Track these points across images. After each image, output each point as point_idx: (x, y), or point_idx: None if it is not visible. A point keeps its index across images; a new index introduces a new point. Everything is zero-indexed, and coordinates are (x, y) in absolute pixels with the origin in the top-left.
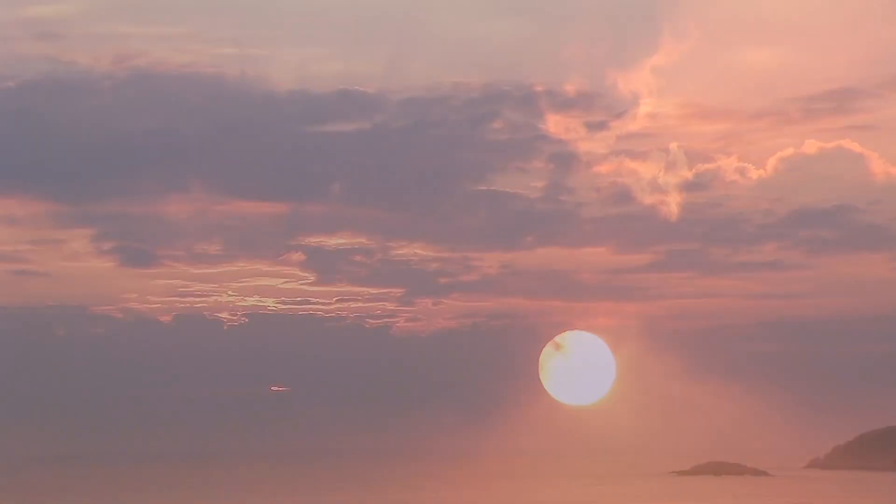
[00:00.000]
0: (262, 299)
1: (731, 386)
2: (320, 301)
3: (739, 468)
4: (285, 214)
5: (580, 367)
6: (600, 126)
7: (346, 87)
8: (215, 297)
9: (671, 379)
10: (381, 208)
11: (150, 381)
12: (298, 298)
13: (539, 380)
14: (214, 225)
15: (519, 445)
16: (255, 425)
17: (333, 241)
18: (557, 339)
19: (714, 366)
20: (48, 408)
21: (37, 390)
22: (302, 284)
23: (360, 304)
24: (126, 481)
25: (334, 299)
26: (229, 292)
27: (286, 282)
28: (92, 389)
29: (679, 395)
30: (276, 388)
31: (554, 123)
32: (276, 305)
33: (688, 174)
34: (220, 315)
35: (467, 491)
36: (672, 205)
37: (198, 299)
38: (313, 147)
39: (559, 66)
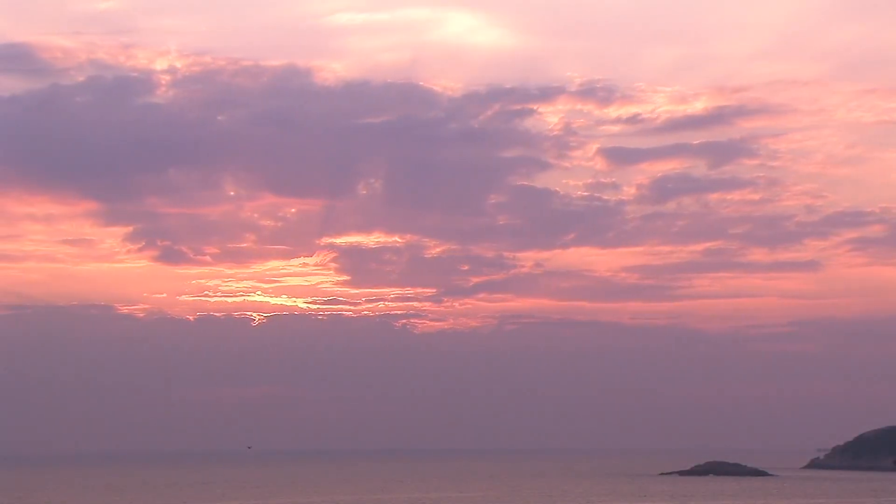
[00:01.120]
0: (291, 299)
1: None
2: (348, 301)
3: (739, 468)
4: (318, 212)
5: None
6: (637, 122)
7: (392, 80)
8: (244, 297)
9: (668, 379)
10: (415, 206)
11: (178, 378)
12: (327, 298)
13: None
14: (248, 223)
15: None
16: (280, 423)
17: (365, 240)
18: None
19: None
20: (73, 405)
21: (61, 388)
22: (332, 285)
23: (387, 304)
24: (155, 480)
25: (363, 299)
26: (258, 292)
27: (317, 281)
28: (118, 387)
29: (681, 395)
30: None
31: (590, 120)
32: (305, 305)
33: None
34: (247, 314)
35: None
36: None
37: (226, 298)
38: (351, 141)
39: (594, 66)
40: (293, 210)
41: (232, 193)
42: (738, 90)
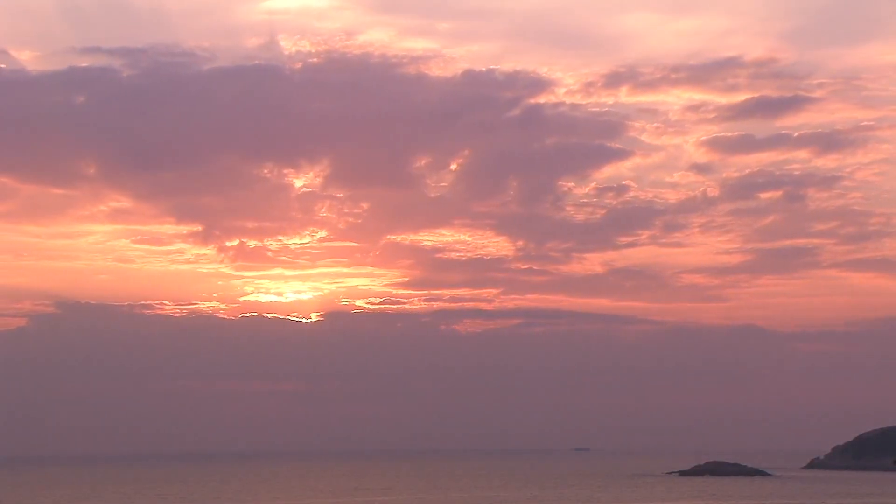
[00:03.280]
0: (347, 299)
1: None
2: (403, 301)
3: (739, 468)
4: (381, 208)
5: None
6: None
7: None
8: (297, 297)
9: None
10: (478, 203)
11: (238, 376)
12: (382, 298)
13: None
14: (313, 220)
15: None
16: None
17: (426, 238)
18: None
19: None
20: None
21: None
22: (388, 285)
23: (443, 304)
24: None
25: (418, 299)
26: (312, 292)
27: (375, 281)
28: (166, 385)
29: (681, 396)
30: None
31: (655, 115)
32: (363, 304)
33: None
34: (295, 313)
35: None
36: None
37: (272, 297)
38: (433, 137)
39: (667, 58)
40: (359, 207)
41: (308, 185)
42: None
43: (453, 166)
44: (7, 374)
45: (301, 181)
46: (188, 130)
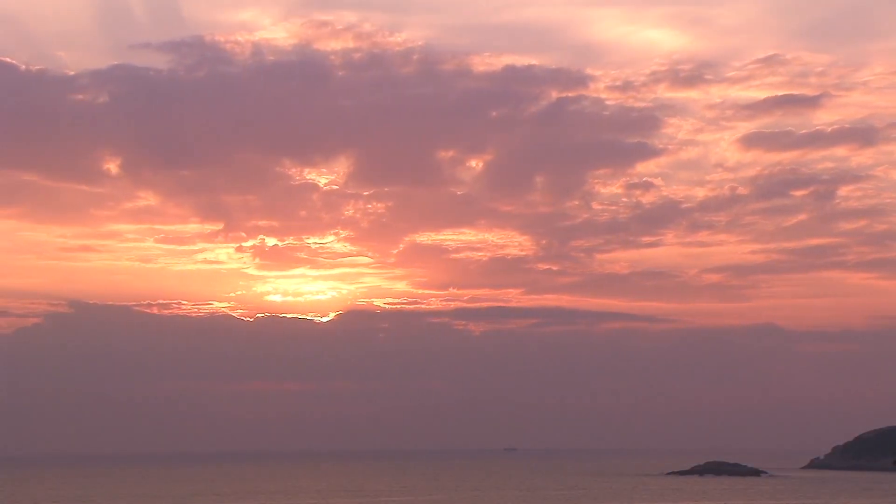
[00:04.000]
0: (366, 299)
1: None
2: (422, 301)
3: (739, 468)
4: (404, 207)
5: None
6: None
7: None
8: (317, 297)
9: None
10: (504, 201)
11: (259, 376)
12: (402, 299)
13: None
14: (334, 219)
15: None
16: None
17: (449, 238)
18: None
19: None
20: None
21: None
22: (409, 285)
23: (461, 304)
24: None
25: (437, 299)
26: (332, 291)
27: (395, 282)
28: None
29: (682, 395)
30: None
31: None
32: (381, 304)
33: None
34: (313, 312)
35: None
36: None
37: (291, 298)
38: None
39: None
40: (381, 206)
41: (326, 188)
42: None
43: (478, 164)
44: (15, 373)
45: (324, 179)
46: (212, 128)
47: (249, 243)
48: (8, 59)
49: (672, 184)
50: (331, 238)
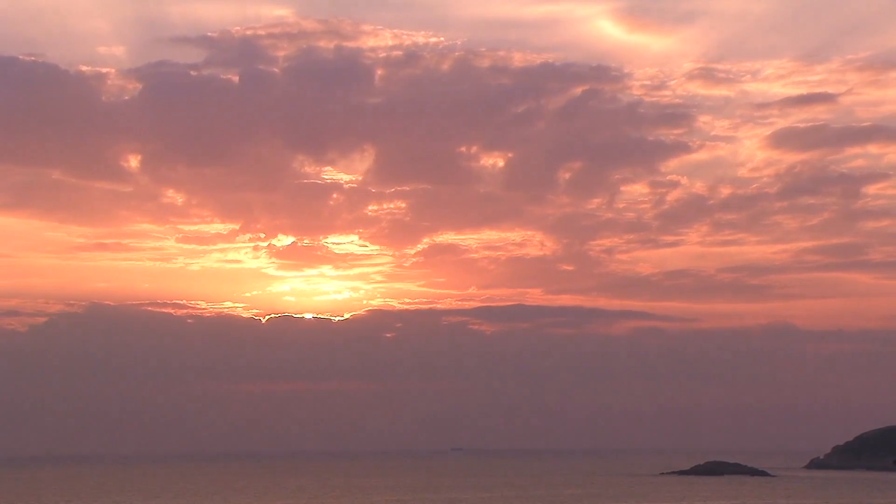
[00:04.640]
0: (385, 300)
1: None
2: (438, 301)
3: (739, 468)
4: (426, 207)
5: None
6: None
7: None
8: (332, 297)
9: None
10: (527, 201)
11: (275, 376)
12: (418, 299)
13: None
14: (356, 219)
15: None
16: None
17: (470, 237)
18: None
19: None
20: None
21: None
22: (426, 286)
23: (476, 305)
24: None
25: (454, 299)
26: (349, 291)
27: (410, 282)
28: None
29: (681, 395)
30: None
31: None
32: (399, 305)
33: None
34: (327, 313)
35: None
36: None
37: (308, 298)
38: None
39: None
40: (399, 205)
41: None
42: None
43: (500, 162)
44: (23, 374)
45: (346, 178)
46: (237, 125)
47: (268, 243)
48: (31, 58)
49: (697, 182)
50: (352, 237)
